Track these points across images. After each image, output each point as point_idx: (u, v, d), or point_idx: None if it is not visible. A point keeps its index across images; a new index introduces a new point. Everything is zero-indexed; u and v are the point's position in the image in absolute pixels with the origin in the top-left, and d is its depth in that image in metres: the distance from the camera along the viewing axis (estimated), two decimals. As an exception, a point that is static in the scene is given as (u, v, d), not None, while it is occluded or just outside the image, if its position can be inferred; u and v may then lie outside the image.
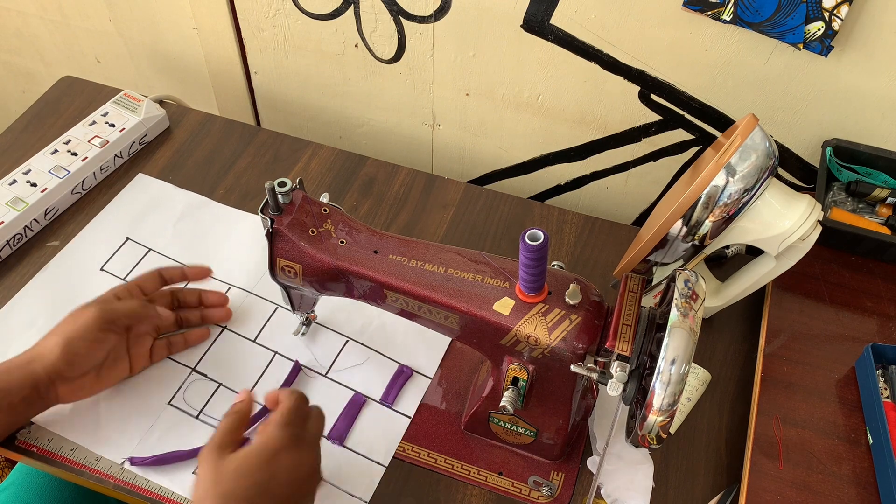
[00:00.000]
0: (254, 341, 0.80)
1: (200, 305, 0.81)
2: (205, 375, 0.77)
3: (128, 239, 0.89)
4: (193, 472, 0.70)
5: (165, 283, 0.79)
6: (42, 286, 0.84)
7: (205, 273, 0.81)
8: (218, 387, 0.76)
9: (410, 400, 0.76)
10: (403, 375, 0.78)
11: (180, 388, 0.76)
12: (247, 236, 0.89)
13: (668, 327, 0.53)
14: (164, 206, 0.92)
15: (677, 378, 0.52)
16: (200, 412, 0.75)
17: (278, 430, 0.60)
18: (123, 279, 0.85)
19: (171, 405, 0.75)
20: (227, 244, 0.89)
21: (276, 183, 0.62)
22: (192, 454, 0.71)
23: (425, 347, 0.80)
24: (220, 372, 0.77)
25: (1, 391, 0.66)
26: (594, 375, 0.57)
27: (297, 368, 0.78)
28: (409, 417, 0.75)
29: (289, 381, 0.77)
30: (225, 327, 0.81)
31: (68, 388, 0.69)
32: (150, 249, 0.88)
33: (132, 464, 0.70)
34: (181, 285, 0.81)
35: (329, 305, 0.82)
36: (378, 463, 0.72)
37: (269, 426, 0.60)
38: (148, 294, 0.77)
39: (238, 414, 0.63)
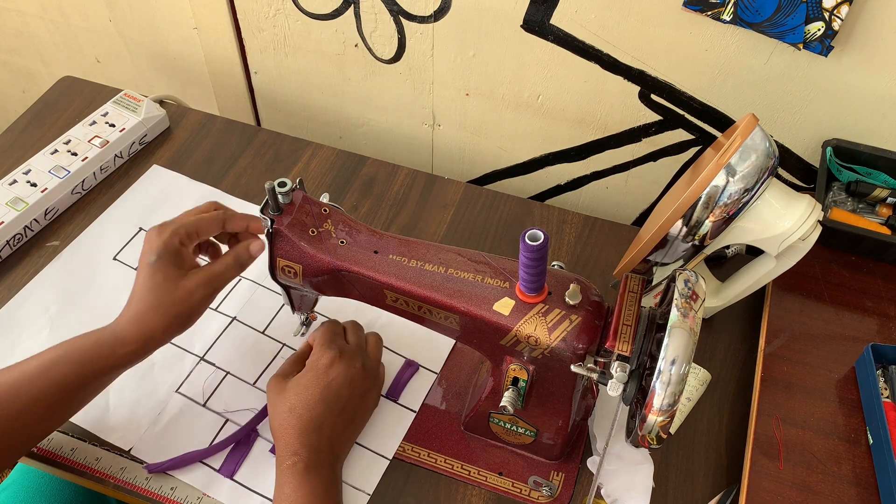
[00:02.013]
0: (262, 333, 0.81)
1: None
2: (213, 364, 0.78)
3: (140, 229, 0.89)
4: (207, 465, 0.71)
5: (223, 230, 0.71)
6: (56, 274, 0.85)
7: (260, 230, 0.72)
8: (225, 375, 0.77)
9: (416, 395, 0.77)
10: (410, 370, 0.78)
11: (188, 376, 0.77)
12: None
13: (668, 327, 0.53)
14: (176, 197, 0.93)
15: (677, 378, 0.52)
16: (207, 400, 0.75)
17: (321, 349, 0.69)
18: (136, 269, 0.84)
19: (179, 393, 0.76)
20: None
21: (276, 183, 0.62)
22: (207, 453, 0.71)
23: (431, 343, 0.80)
24: (228, 361, 0.78)
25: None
26: (594, 375, 0.57)
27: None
28: (414, 412, 0.76)
29: None
30: (235, 318, 0.82)
31: None
32: None
33: (150, 471, 0.70)
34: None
35: (333, 303, 0.82)
36: (382, 456, 0.72)
37: (314, 350, 0.70)
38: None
39: (300, 353, 0.73)
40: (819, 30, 0.76)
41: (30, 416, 0.64)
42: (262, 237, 0.68)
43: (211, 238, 0.72)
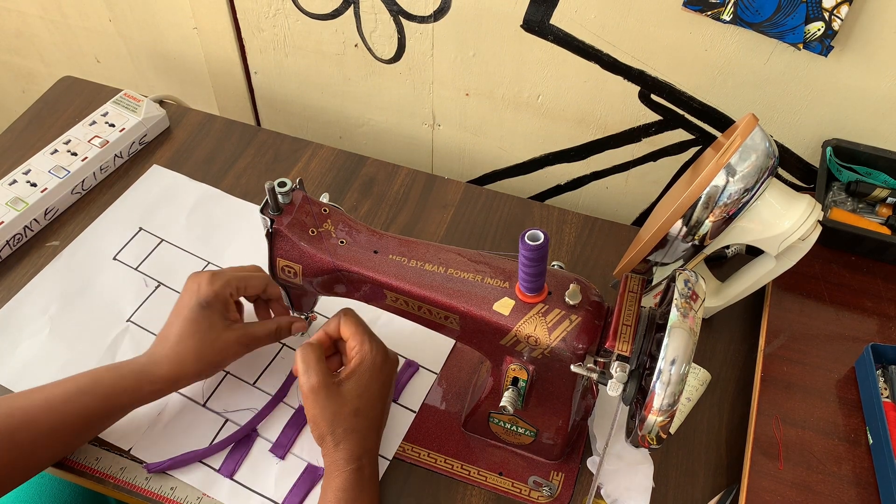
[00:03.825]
0: None
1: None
2: None
3: (141, 229, 0.89)
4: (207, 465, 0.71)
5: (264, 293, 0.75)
6: (56, 274, 0.85)
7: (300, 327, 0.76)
8: (225, 375, 0.77)
9: (415, 395, 0.77)
10: (410, 370, 0.78)
11: None
12: (258, 229, 0.89)
13: (668, 327, 0.53)
14: (177, 197, 0.93)
15: (677, 378, 0.52)
16: (207, 400, 0.75)
17: (370, 344, 0.67)
18: (135, 268, 0.86)
19: (179, 393, 0.76)
20: (238, 236, 0.89)
21: (276, 183, 0.62)
22: (207, 453, 0.71)
23: (431, 343, 0.80)
24: None
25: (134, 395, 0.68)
26: (594, 375, 0.57)
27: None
28: (414, 412, 0.76)
29: (295, 374, 0.77)
30: None
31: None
32: (162, 240, 0.89)
33: (150, 471, 0.70)
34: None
35: (333, 303, 0.82)
36: (382, 456, 0.72)
37: (358, 346, 0.67)
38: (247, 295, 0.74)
39: (314, 346, 0.67)
40: (819, 30, 0.76)
41: (48, 443, 0.64)
42: (304, 324, 0.75)
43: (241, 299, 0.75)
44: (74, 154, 0.92)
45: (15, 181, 0.89)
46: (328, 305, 0.82)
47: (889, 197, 0.85)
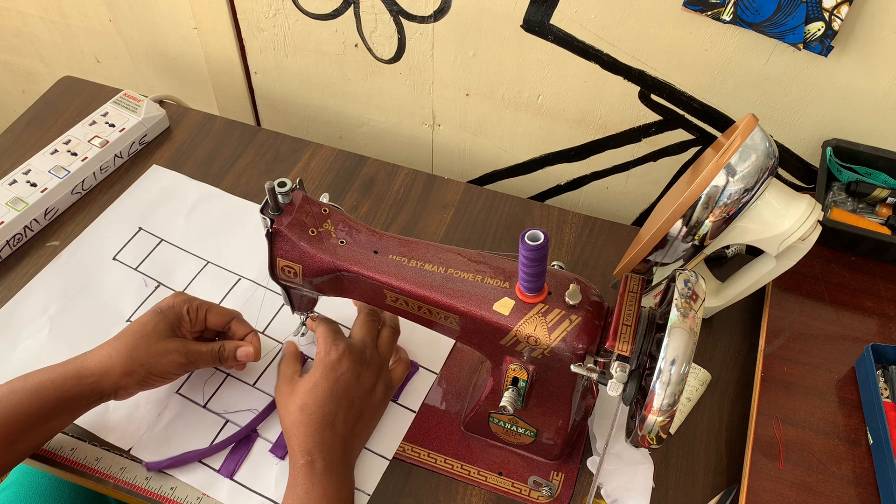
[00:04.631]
0: (262, 333, 0.81)
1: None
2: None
3: (140, 229, 0.90)
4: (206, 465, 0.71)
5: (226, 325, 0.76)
6: (56, 274, 0.85)
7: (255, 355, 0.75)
8: (226, 377, 0.77)
9: (416, 395, 0.77)
10: (410, 370, 0.78)
11: (188, 377, 0.77)
12: (258, 229, 0.90)
13: (668, 327, 0.53)
14: (176, 197, 0.93)
15: (677, 378, 0.52)
16: (207, 402, 0.75)
17: (329, 345, 0.69)
18: (135, 268, 0.86)
19: (179, 394, 0.76)
20: (238, 236, 0.90)
21: (276, 183, 0.62)
22: (207, 453, 0.71)
23: (431, 343, 0.80)
24: None
25: (72, 399, 0.67)
26: (594, 376, 0.57)
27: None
28: (414, 412, 0.76)
29: None
30: (235, 318, 0.81)
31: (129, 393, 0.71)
32: (162, 240, 0.89)
33: (149, 469, 0.70)
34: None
35: (333, 304, 0.82)
36: (382, 456, 0.72)
37: (320, 347, 0.70)
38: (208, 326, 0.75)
39: (290, 353, 0.74)
40: (819, 30, 0.76)
41: None
42: (252, 349, 0.73)
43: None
44: (74, 154, 0.92)
45: (15, 181, 0.89)
46: (328, 305, 0.82)
47: (889, 197, 0.85)
